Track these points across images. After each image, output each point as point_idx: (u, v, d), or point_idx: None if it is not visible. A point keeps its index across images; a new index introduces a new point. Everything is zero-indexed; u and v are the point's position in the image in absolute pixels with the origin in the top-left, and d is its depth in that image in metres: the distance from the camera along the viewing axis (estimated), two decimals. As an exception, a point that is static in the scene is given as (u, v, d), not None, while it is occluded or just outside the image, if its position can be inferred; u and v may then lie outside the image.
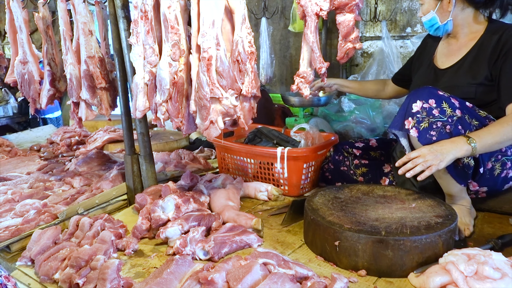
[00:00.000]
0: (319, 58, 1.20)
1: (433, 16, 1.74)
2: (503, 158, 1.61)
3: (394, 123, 1.58)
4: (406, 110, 1.53)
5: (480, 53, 1.68)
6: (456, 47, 1.80)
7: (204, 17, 1.37)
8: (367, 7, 3.76)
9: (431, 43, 1.95)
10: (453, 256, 1.21)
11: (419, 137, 1.49)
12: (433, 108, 1.49)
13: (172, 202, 1.61)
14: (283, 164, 2.03)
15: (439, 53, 1.87)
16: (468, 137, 1.43)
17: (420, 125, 1.49)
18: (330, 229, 1.37)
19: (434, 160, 1.39)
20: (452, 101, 1.52)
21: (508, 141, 1.47)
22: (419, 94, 1.53)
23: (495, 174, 1.62)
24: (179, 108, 1.56)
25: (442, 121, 1.47)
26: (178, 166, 2.34)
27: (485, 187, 1.66)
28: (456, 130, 1.48)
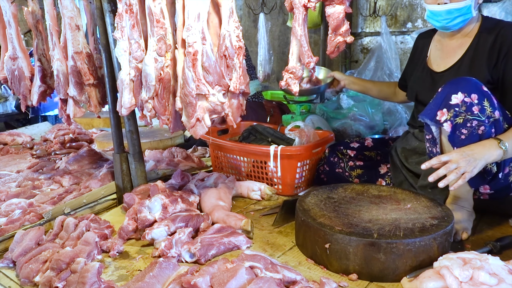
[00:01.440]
0: (307, 52, 1.15)
1: (470, 4, 1.52)
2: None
3: (427, 111, 1.45)
4: (443, 100, 1.41)
5: (477, 54, 1.60)
6: (450, 48, 1.70)
7: (189, 10, 1.31)
8: (367, 2, 3.69)
9: (422, 45, 1.86)
10: (448, 260, 1.16)
11: (450, 133, 1.40)
12: (474, 104, 1.37)
13: (159, 202, 1.56)
14: (276, 163, 1.97)
15: (433, 56, 1.78)
16: (499, 139, 1.35)
17: (455, 120, 1.38)
18: (320, 231, 1.32)
19: (468, 167, 1.29)
20: (493, 100, 1.41)
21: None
22: (462, 85, 1.40)
23: (510, 179, 1.53)
24: (165, 105, 1.51)
25: (478, 121, 1.37)
26: (171, 165, 2.29)
27: (494, 190, 1.58)
28: (488, 133, 1.39)
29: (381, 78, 3.64)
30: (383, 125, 3.26)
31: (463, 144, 1.39)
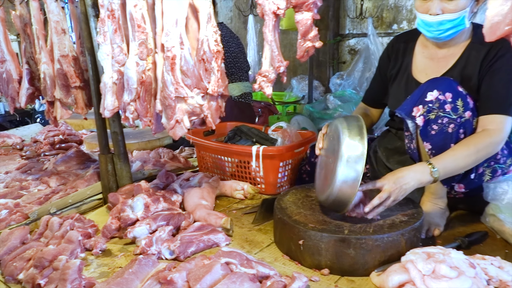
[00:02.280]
0: (277, 57, 1.20)
1: (464, 16, 1.45)
2: (495, 165, 1.57)
3: (404, 106, 1.49)
4: (420, 97, 1.45)
5: (468, 65, 1.55)
6: (440, 57, 1.63)
7: (167, 16, 1.36)
8: (353, 4, 3.76)
9: (403, 50, 1.76)
10: (414, 254, 1.21)
11: (422, 128, 1.45)
12: (447, 102, 1.42)
13: (141, 201, 1.60)
14: (258, 163, 2.02)
15: (420, 64, 1.70)
16: (432, 166, 1.37)
17: (428, 115, 1.44)
18: (295, 228, 1.37)
19: (398, 196, 1.36)
20: (468, 100, 1.45)
21: (473, 165, 1.45)
22: (438, 84, 1.44)
23: (484, 179, 1.59)
24: (147, 107, 1.55)
25: (449, 118, 1.42)
26: (157, 165, 2.34)
27: (468, 189, 1.63)
28: (456, 133, 1.44)
29: (369, 78, 3.70)
30: (369, 125, 3.32)
31: (432, 139, 1.45)
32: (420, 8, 1.51)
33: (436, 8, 1.45)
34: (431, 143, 1.45)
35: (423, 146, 1.48)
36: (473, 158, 1.41)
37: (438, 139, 1.43)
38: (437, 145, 1.44)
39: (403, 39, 1.80)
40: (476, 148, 1.41)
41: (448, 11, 1.44)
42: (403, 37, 1.82)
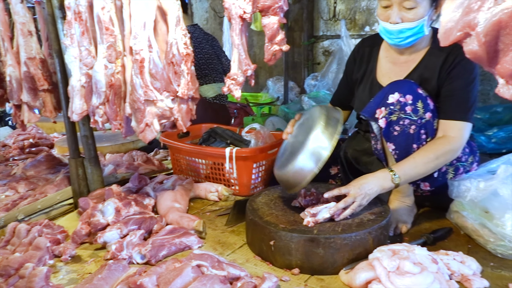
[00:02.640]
0: (245, 60, 1.21)
1: (423, 24, 1.49)
2: (457, 164, 1.64)
3: (367, 109, 1.54)
4: (382, 100, 1.49)
5: (427, 70, 1.60)
6: (401, 62, 1.68)
7: (135, 19, 1.35)
8: (327, 6, 3.81)
9: (368, 54, 1.80)
10: (380, 252, 1.25)
11: (385, 129, 1.50)
12: (407, 104, 1.47)
13: (112, 206, 1.59)
14: (232, 164, 2.03)
15: (383, 68, 1.74)
16: (393, 173, 1.42)
17: (389, 117, 1.48)
18: (266, 229, 1.39)
19: (362, 201, 1.41)
20: (428, 102, 1.51)
21: (432, 171, 1.50)
22: (399, 86, 1.49)
23: (447, 177, 1.65)
24: (117, 111, 1.54)
25: (410, 120, 1.47)
26: (130, 168, 2.31)
27: (434, 187, 1.70)
28: (418, 133, 1.49)
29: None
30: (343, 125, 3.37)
31: (395, 140, 1.50)
32: (381, 16, 1.55)
33: (396, 17, 1.48)
34: (394, 143, 1.50)
35: (387, 146, 1.53)
36: (432, 165, 1.48)
37: (401, 139, 1.48)
38: (400, 145, 1.49)
39: (368, 43, 1.85)
40: (436, 155, 1.46)
41: (407, 20, 1.47)
42: (368, 42, 1.86)
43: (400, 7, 1.47)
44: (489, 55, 0.81)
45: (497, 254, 1.41)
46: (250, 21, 1.18)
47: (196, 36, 2.85)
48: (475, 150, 1.72)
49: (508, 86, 0.82)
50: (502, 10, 0.76)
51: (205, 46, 2.88)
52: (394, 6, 1.48)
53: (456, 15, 0.84)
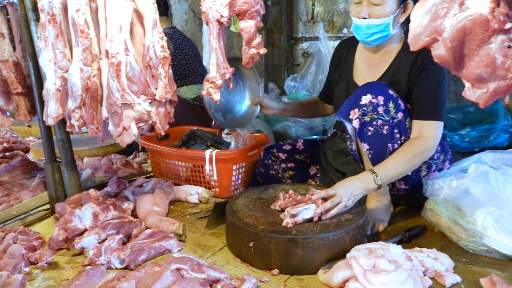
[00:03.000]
0: (222, 64, 1.22)
1: (388, 22, 1.58)
2: (430, 161, 1.69)
3: (341, 111, 1.59)
4: (355, 101, 1.54)
5: (398, 72, 1.67)
6: (374, 62, 1.76)
7: (110, 22, 1.34)
8: (305, 8, 3.86)
9: (346, 55, 1.89)
10: (357, 251, 1.28)
11: (359, 130, 1.54)
12: (379, 105, 1.52)
13: (90, 210, 1.57)
14: (212, 167, 2.03)
15: (358, 68, 1.83)
16: (375, 174, 1.46)
17: (363, 118, 1.53)
18: (245, 230, 1.40)
19: (348, 202, 1.43)
20: (399, 102, 1.56)
21: (410, 171, 1.55)
22: (372, 88, 1.54)
23: (421, 175, 1.70)
24: (93, 114, 1.52)
25: (382, 120, 1.52)
26: (109, 172, 2.28)
27: (409, 186, 1.75)
28: (391, 133, 1.54)
29: (322, 81, 3.81)
30: (322, 126, 3.42)
31: (369, 140, 1.54)
32: (353, 12, 1.65)
33: (364, 12, 1.58)
34: (369, 143, 1.54)
35: (362, 146, 1.57)
36: (411, 165, 1.53)
37: (375, 139, 1.53)
38: (374, 145, 1.53)
39: (345, 45, 1.94)
40: (413, 155, 1.52)
41: (374, 16, 1.58)
42: (345, 44, 1.96)
43: (368, 3, 1.58)
44: (455, 60, 0.85)
45: (469, 250, 1.46)
46: (227, 24, 1.18)
47: (176, 38, 2.84)
48: (446, 149, 1.78)
49: (473, 89, 0.85)
50: (466, 17, 0.79)
51: (185, 47, 2.88)
52: (364, 2, 1.60)
53: (424, 21, 0.87)
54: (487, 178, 1.46)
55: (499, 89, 0.80)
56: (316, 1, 3.76)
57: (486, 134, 2.76)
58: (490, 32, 0.77)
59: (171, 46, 2.78)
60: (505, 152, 1.72)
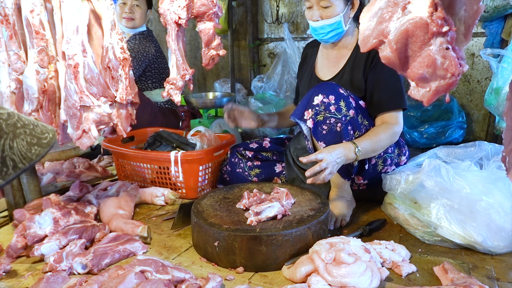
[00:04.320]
0: (182, 65, 1.22)
1: (340, 20, 1.72)
2: (384, 155, 1.77)
3: (296, 112, 1.66)
4: (308, 102, 1.61)
5: (355, 65, 1.78)
6: (333, 57, 1.88)
7: (67, 23, 1.32)
8: (270, 9, 3.90)
9: (310, 54, 2.02)
10: (318, 246, 1.32)
11: (313, 129, 1.61)
12: (331, 104, 1.59)
13: (50, 216, 1.53)
14: (178, 168, 2.03)
15: (320, 64, 1.95)
16: (356, 145, 1.55)
17: (316, 117, 1.59)
18: (210, 230, 1.41)
19: (333, 168, 1.50)
20: (350, 100, 1.63)
21: (381, 150, 1.66)
22: (322, 88, 1.62)
23: (378, 169, 1.79)
24: (51, 117, 1.49)
25: (335, 118, 1.59)
26: (71, 176, 2.23)
27: (367, 180, 1.83)
28: (345, 130, 1.60)
29: (288, 81, 3.87)
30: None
31: (325, 138, 1.60)
32: (307, 16, 1.78)
33: (316, 15, 1.72)
34: (324, 141, 1.60)
35: (318, 145, 1.62)
36: (383, 144, 1.64)
37: (330, 137, 1.59)
38: (330, 142, 1.59)
39: (311, 45, 2.07)
40: (385, 135, 1.63)
41: (325, 17, 1.72)
42: (310, 44, 2.09)
43: (318, 6, 1.72)
44: (401, 61, 0.90)
45: (424, 241, 1.54)
46: (186, 26, 1.19)
47: (156, 40, 2.79)
48: (401, 144, 1.87)
49: (417, 88, 0.91)
50: (408, 21, 0.84)
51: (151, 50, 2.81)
52: (314, 6, 1.73)
53: (371, 24, 0.92)
54: (440, 172, 1.54)
55: (440, 88, 0.86)
56: (280, 2, 3.81)
57: (443, 130, 2.90)
58: (430, 34, 0.82)
59: (153, 49, 2.74)
60: (457, 147, 1.82)
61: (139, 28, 2.76)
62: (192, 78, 1.27)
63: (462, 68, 0.83)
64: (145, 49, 2.69)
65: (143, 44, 2.69)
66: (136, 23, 2.72)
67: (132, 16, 2.69)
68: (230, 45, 3.90)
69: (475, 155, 1.72)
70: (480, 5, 0.91)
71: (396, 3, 0.86)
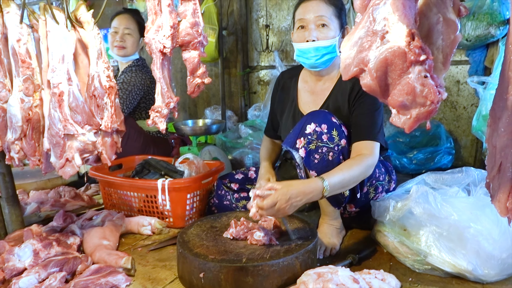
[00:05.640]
0: (166, 93, 1.23)
1: (335, 44, 1.67)
2: (376, 183, 1.75)
3: (288, 140, 1.62)
4: (300, 130, 1.58)
5: (339, 97, 1.75)
6: (318, 90, 1.82)
7: (53, 52, 1.32)
8: (260, 38, 3.98)
9: (288, 85, 1.93)
10: (306, 276, 1.28)
11: (305, 158, 1.57)
12: (323, 133, 1.56)
13: (30, 248, 1.48)
14: (165, 196, 2.00)
15: (302, 97, 1.87)
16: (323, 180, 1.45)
17: (308, 146, 1.56)
18: (195, 261, 1.37)
19: (286, 212, 1.40)
20: (342, 129, 1.61)
21: (353, 184, 1.57)
22: (315, 117, 1.59)
23: (369, 197, 1.76)
24: (35, 146, 1.47)
25: (327, 147, 1.56)
26: (56, 205, 2.18)
27: (359, 208, 1.80)
28: (337, 159, 1.58)
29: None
30: (279, 152, 3.47)
31: (317, 167, 1.57)
32: (298, 39, 1.71)
33: (313, 35, 1.66)
34: (316, 170, 1.58)
35: (310, 174, 1.60)
36: (356, 176, 1.54)
37: (322, 166, 1.56)
38: (321, 172, 1.57)
39: (287, 75, 1.99)
40: (357, 167, 1.55)
41: (322, 38, 1.67)
42: (287, 74, 2.01)
43: (316, 25, 1.67)
44: (381, 88, 0.90)
45: (415, 270, 1.51)
46: (170, 55, 1.20)
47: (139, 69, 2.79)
48: (390, 170, 1.86)
49: (399, 116, 0.91)
50: (387, 49, 0.85)
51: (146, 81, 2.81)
52: (310, 25, 1.67)
53: (352, 52, 0.93)
54: (427, 199, 1.53)
55: (420, 115, 0.86)
56: (270, 31, 3.90)
57: (432, 156, 2.92)
58: (408, 63, 0.83)
59: (148, 81, 2.75)
60: (445, 173, 1.82)
61: (131, 56, 2.78)
62: (184, 105, 1.27)
63: (441, 96, 0.83)
64: (141, 82, 2.71)
65: (139, 77, 2.71)
66: (127, 52, 2.75)
67: (123, 45, 2.72)
68: (221, 73, 3.95)
69: (462, 181, 1.72)
70: (457, 35, 0.94)
71: (375, 33, 0.88)
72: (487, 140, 1.00)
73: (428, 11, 0.93)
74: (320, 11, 1.66)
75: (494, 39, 2.74)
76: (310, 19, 1.67)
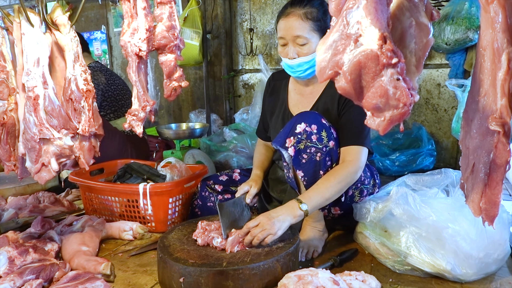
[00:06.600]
0: (143, 96, 1.22)
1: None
2: (361, 187, 1.76)
3: (278, 139, 1.62)
4: (290, 129, 1.58)
5: (328, 101, 1.75)
6: (307, 93, 1.84)
7: (27, 55, 1.30)
8: (244, 42, 3.99)
9: (279, 87, 1.95)
10: (287, 279, 1.28)
11: (294, 157, 1.58)
12: (313, 133, 1.57)
13: (5, 255, 1.44)
14: (147, 200, 1.97)
15: (292, 99, 1.89)
16: (300, 201, 1.48)
17: (297, 145, 1.57)
18: (175, 266, 1.35)
19: (272, 229, 1.41)
20: (331, 131, 1.62)
21: (336, 196, 1.57)
22: (306, 117, 1.59)
23: (354, 200, 1.76)
24: (10, 151, 1.43)
25: (316, 148, 1.57)
26: (35, 211, 2.13)
27: (343, 210, 1.79)
28: (324, 160, 1.59)
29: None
30: (263, 155, 3.46)
31: (304, 167, 1.58)
32: (282, 54, 1.73)
33: (293, 53, 1.66)
34: (303, 170, 1.58)
35: (297, 174, 1.61)
36: (336, 189, 1.56)
37: (309, 167, 1.57)
38: (308, 172, 1.58)
39: (278, 77, 2.01)
40: (337, 179, 1.56)
41: (302, 54, 1.66)
42: (277, 75, 2.03)
43: (294, 44, 1.66)
44: (356, 91, 0.91)
45: (395, 270, 1.52)
46: (146, 58, 1.19)
47: (105, 70, 2.83)
48: (375, 174, 1.88)
49: (373, 118, 0.92)
50: (360, 52, 0.86)
51: (116, 79, 2.86)
52: (290, 44, 1.66)
53: (327, 55, 0.94)
54: (407, 200, 1.55)
55: (393, 118, 0.87)
56: (254, 35, 3.91)
57: (414, 158, 2.96)
58: (381, 66, 0.84)
59: (103, 78, 2.74)
60: (425, 174, 1.85)
61: None
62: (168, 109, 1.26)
63: (413, 98, 0.84)
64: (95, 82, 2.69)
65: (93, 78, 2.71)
66: None
67: None
68: (206, 77, 3.94)
69: (441, 183, 1.75)
70: (429, 38, 0.95)
71: (349, 36, 0.89)
72: (461, 141, 1.01)
73: (401, 15, 0.94)
74: (297, 30, 1.63)
75: (472, 43, 2.81)
76: (288, 38, 1.66)
